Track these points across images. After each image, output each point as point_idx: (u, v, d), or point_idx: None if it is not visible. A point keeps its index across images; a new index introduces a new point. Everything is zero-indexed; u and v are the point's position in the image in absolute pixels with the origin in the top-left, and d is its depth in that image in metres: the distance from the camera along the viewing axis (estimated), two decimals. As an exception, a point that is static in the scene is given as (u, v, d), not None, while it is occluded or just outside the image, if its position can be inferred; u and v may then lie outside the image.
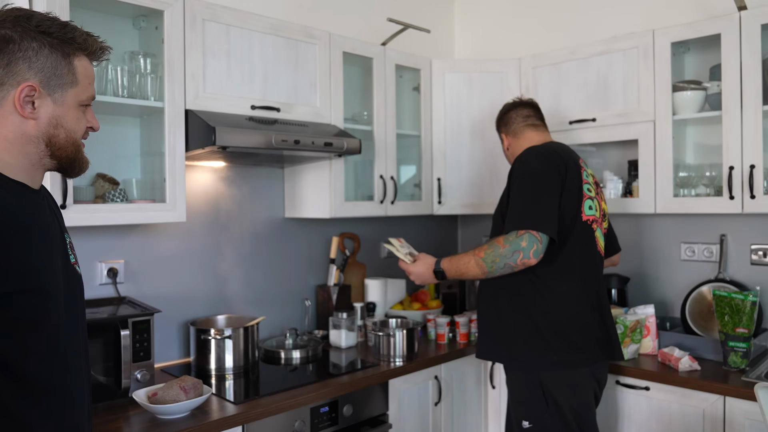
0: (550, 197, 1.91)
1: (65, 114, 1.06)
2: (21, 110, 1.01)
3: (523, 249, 1.84)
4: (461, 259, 1.98)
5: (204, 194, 2.43)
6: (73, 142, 1.08)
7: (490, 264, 1.89)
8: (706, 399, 2.07)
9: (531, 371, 1.94)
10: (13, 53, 0.99)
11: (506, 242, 1.86)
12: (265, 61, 2.22)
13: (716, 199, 2.30)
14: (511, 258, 1.86)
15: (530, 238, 1.85)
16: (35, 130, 1.03)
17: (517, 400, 1.99)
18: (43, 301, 1.00)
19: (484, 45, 3.36)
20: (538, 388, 1.93)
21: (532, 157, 2.01)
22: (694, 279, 2.59)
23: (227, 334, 2.18)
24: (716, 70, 2.38)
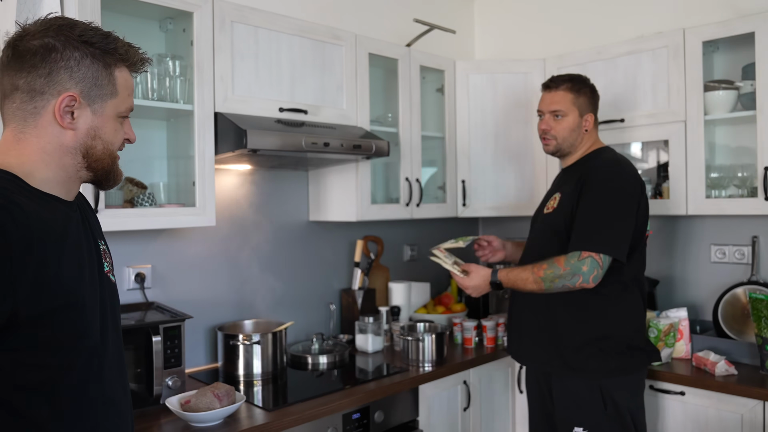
0: (627, 218, 1.88)
1: (104, 125, 1.04)
2: (60, 120, 0.99)
3: (584, 273, 1.83)
4: (519, 275, 1.94)
5: (229, 198, 2.41)
6: (110, 154, 1.07)
7: (549, 284, 1.87)
8: (744, 404, 2.02)
9: (591, 378, 1.91)
10: (56, 62, 0.98)
11: (567, 264, 1.84)
12: (293, 63, 2.20)
13: (750, 200, 2.26)
14: (570, 281, 1.84)
15: (592, 263, 1.82)
16: (73, 141, 1.01)
17: (571, 406, 1.94)
18: (79, 316, 0.99)
19: (504, 46, 3.33)
20: (597, 392, 1.90)
21: (625, 171, 1.94)
22: (725, 281, 2.55)
23: (256, 339, 2.15)
24: (749, 69, 2.34)
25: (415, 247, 3.15)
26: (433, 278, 3.20)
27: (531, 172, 2.85)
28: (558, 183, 2.15)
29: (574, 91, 2.04)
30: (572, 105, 2.04)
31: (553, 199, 2.05)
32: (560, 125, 2.05)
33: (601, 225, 1.86)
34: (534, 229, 2.16)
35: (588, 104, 2.06)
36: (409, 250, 3.12)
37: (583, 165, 2.03)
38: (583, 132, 2.06)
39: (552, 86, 2.08)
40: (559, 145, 2.08)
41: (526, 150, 2.85)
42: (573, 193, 1.95)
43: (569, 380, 1.95)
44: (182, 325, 1.89)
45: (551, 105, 2.06)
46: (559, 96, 2.05)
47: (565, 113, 2.04)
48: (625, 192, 1.90)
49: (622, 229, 1.88)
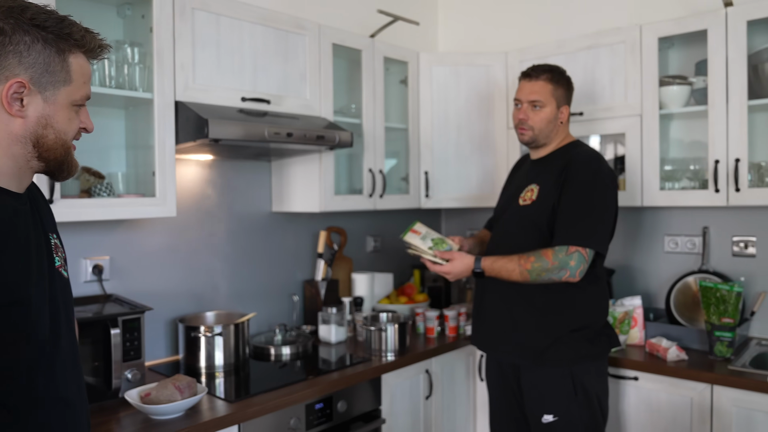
0: (610, 212, 1.96)
1: (56, 113, 1.00)
2: (8, 107, 0.95)
3: (571, 268, 1.87)
4: (505, 266, 1.94)
5: (190, 188, 2.38)
6: (63, 143, 1.02)
7: (535, 276, 1.90)
8: (694, 388, 2.11)
9: (562, 365, 1.96)
10: (3, 47, 0.94)
11: (555, 259, 1.87)
12: (255, 52, 2.17)
13: (702, 192, 2.34)
14: (557, 274, 1.88)
15: (579, 258, 1.87)
16: (23, 130, 0.97)
17: (541, 395, 1.98)
18: (24, 315, 0.95)
19: (467, 38, 3.35)
20: (568, 379, 1.95)
21: (604, 166, 1.98)
22: (678, 270, 2.64)
23: (218, 331, 2.13)
24: (702, 66, 2.42)
25: (378, 239, 3.16)
26: (396, 269, 3.22)
27: (493, 164, 2.89)
28: (531, 174, 2.13)
29: (553, 82, 2.04)
30: (551, 96, 2.03)
31: (530, 190, 2.05)
32: (538, 116, 2.04)
33: (586, 219, 1.90)
34: (507, 220, 2.13)
35: (565, 96, 2.08)
36: (372, 241, 3.13)
37: (560, 158, 2.04)
38: (558, 124, 2.08)
39: (532, 75, 2.06)
40: (535, 136, 2.07)
41: (488, 142, 2.89)
42: (554, 187, 1.96)
43: (540, 370, 1.99)
44: (142, 317, 1.86)
45: (530, 95, 2.05)
46: (538, 86, 2.04)
47: (543, 104, 2.03)
48: (606, 186, 1.95)
49: (605, 224, 1.94)
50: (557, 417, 1.95)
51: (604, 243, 1.94)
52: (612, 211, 1.98)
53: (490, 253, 2.15)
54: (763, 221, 2.47)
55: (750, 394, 1.99)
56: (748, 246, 2.50)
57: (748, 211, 2.50)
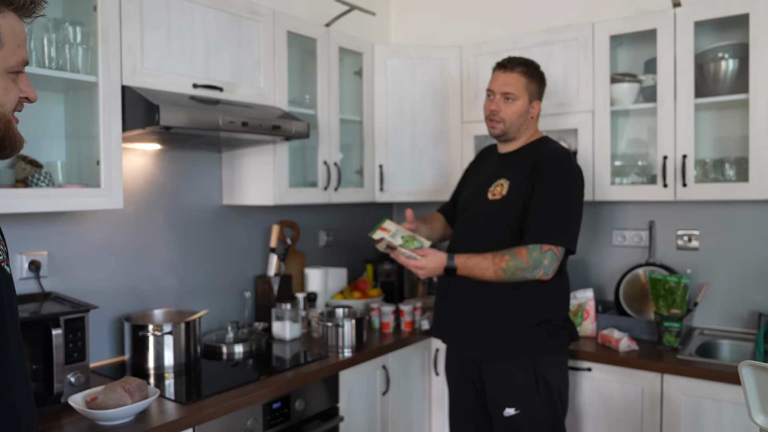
0: (580, 210, 1.97)
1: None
2: None
3: (544, 266, 1.88)
4: (479, 264, 1.91)
5: (136, 179, 2.24)
6: (1, 116, 0.93)
7: (509, 275, 1.89)
8: (645, 377, 2.17)
9: (524, 358, 1.96)
10: None
11: (530, 257, 1.87)
12: (207, 37, 2.07)
13: (651, 187, 2.41)
14: (531, 273, 1.88)
15: (552, 256, 1.88)
16: None
17: (504, 389, 1.98)
18: None
19: (421, 31, 3.34)
20: (530, 372, 1.95)
21: (574, 163, 1.99)
22: (625, 263, 2.72)
23: (167, 329, 2.03)
24: (650, 64, 2.48)
25: (330, 233, 3.10)
26: (349, 264, 3.18)
27: (447, 158, 2.89)
28: (501, 168, 2.10)
29: (527, 76, 2.02)
30: (524, 89, 2.01)
31: (500, 185, 2.03)
32: (510, 108, 2.01)
33: (560, 218, 1.91)
34: (474, 214, 2.10)
35: (537, 91, 2.06)
36: (324, 235, 3.07)
37: (531, 153, 2.03)
38: (529, 119, 2.06)
39: (507, 67, 2.02)
40: (505, 129, 2.04)
41: (443, 136, 2.88)
42: (525, 183, 1.96)
43: (503, 363, 1.99)
44: (86, 316, 1.74)
45: (504, 86, 2.01)
46: (513, 78, 2.01)
47: (516, 97, 2.00)
48: (577, 184, 1.97)
49: (576, 221, 1.96)
50: (519, 410, 1.96)
51: (575, 240, 1.96)
52: (581, 208, 2.00)
53: (455, 246, 2.14)
54: (705, 216, 2.57)
55: (698, 382, 2.06)
56: (692, 239, 2.59)
57: (691, 205, 2.59)
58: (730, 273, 2.51)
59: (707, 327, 2.55)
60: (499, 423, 2.00)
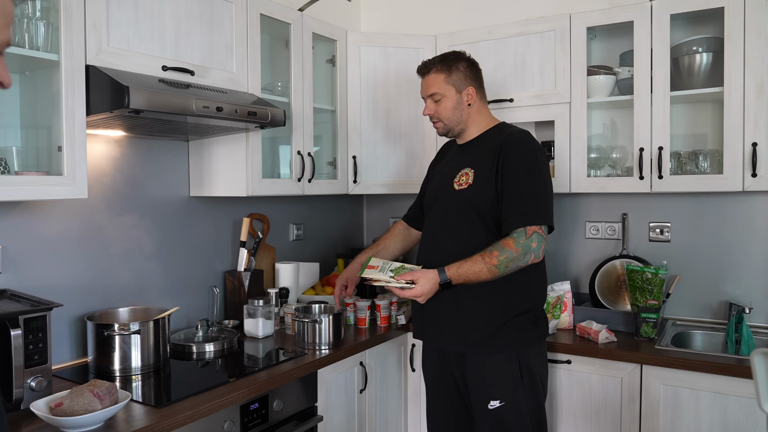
0: (550, 187, 1.94)
1: None
2: None
3: (534, 250, 1.85)
4: (471, 268, 1.85)
5: (97, 168, 2.10)
6: None
7: (503, 269, 1.84)
8: (624, 368, 2.17)
9: (508, 349, 1.92)
10: None
11: (518, 245, 1.83)
12: (177, 17, 1.94)
13: (627, 179, 2.42)
14: (523, 260, 1.84)
15: (538, 238, 1.85)
16: None
17: (487, 382, 1.94)
18: None
19: (393, 20, 3.27)
20: (515, 363, 1.92)
21: (537, 143, 1.98)
22: (599, 256, 2.73)
23: (135, 329, 1.90)
24: (626, 57, 2.49)
25: (301, 226, 3.00)
26: (321, 258, 3.09)
27: (421, 149, 2.83)
28: (462, 158, 2.07)
29: (445, 71, 2.03)
30: (446, 84, 2.02)
31: (465, 174, 2.00)
32: (441, 107, 2.04)
33: (535, 197, 1.88)
34: (442, 206, 2.05)
35: (464, 78, 2.04)
36: (294, 229, 2.97)
37: (491, 140, 2.01)
38: (466, 106, 2.05)
39: (423, 71, 2.08)
40: (446, 126, 2.08)
41: (416, 127, 2.82)
42: (491, 169, 1.93)
43: (486, 356, 1.95)
44: (48, 315, 1.60)
45: (427, 89, 2.06)
46: (431, 79, 2.05)
47: (442, 94, 2.03)
48: (544, 163, 1.95)
49: (551, 198, 1.94)
50: (503, 402, 1.92)
51: (553, 217, 1.95)
52: (551, 185, 1.98)
53: (427, 244, 2.09)
54: (677, 208, 2.60)
55: (676, 372, 2.07)
56: (664, 231, 2.62)
57: (664, 198, 2.62)
58: (700, 264, 2.55)
59: (679, 317, 2.59)
60: (482, 417, 1.96)
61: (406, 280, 1.90)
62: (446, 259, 1.91)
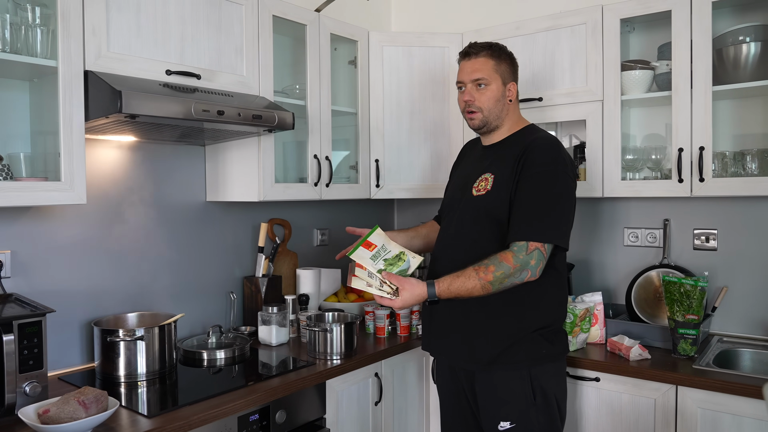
0: (570, 203, 1.79)
1: None
2: None
3: (531, 267, 1.71)
4: (463, 284, 1.73)
5: (110, 173, 2.11)
6: None
7: (498, 285, 1.72)
8: (657, 389, 1.99)
9: (520, 368, 1.79)
10: None
11: (516, 261, 1.70)
12: (183, 20, 1.93)
13: (664, 183, 2.23)
14: (519, 277, 1.71)
15: (538, 255, 1.71)
16: None
17: (498, 401, 1.81)
18: None
19: (422, 19, 3.17)
20: (527, 382, 1.79)
21: (563, 154, 1.80)
22: (638, 265, 2.53)
23: (139, 334, 1.89)
24: (665, 49, 2.30)
25: (326, 232, 2.95)
26: (345, 265, 3.01)
27: (447, 152, 2.72)
28: (485, 162, 1.94)
29: (495, 57, 1.87)
30: (494, 72, 1.86)
31: (484, 180, 1.86)
32: (484, 95, 1.86)
33: (546, 212, 1.73)
34: (460, 213, 1.93)
35: (510, 72, 1.90)
36: (319, 234, 2.92)
37: (515, 144, 1.86)
38: (507, 103, 1.90)
39: (472, 53, 1.89)
40: (485, 118, 1.89)
41: (442, 128, 2.72)
42: (511, 176, 1.79)
43: (497, 374, 1.82)
44: (43, 320, 1.60)
45: (473, 73, 1.87)
46: (480, 63, 1.86)
47: (488, 81, 1.85)
48: (566, 176, 1.78)
49: (565, 215, 1.77)
50: (514, 423, 1.78)
51: (566, 236, 1.78)
52: (572, 200, 1.81)
53: (440, 251, 1.97)
54: (724, 213, 2.38)
55: (715, 395, 1.87)
56: (710, 239, 2.41)
57: (709, 202, 2.40)
58: (751, 275, 2.32)
59: (726, 333, 2.36)
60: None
61: (391, 285, 1.77)
62: (456, 268, 1.80)
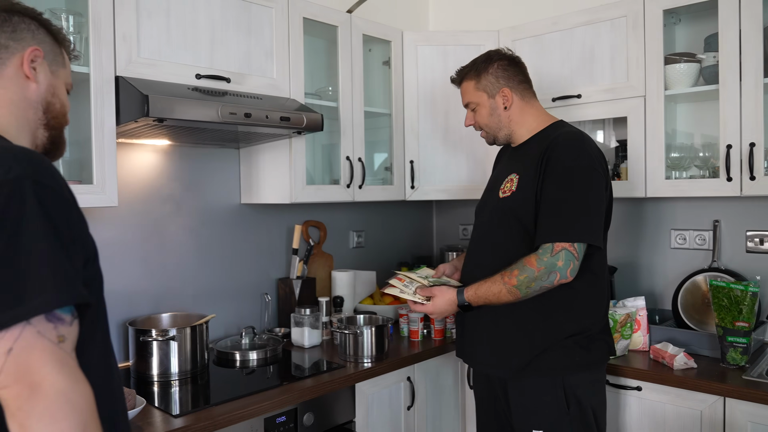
0: (599, 199, 1.70)
1: (59, 87, 1.06)
2: (27, 70, 0.99)
3: (560, 269, 1.64)
4: (489, 289, 1.72)
5: (145, 176, 2.16)
6: (64, 114, 1.08)
7: (525, 290, 1.67)
8: (704, 400, 1.88)
9: (553, 375, 1.73)
10: (18, 24, 1.00)
11: (540, 263, 1.64)
12: (212, 24, 1.95)
13: (712, 181, 2.11)
14: (547, 280, 1.65)
15: (566, 256, 1.64)
16: (36, 95, 1.01)
17: (530, 410, 1.75)
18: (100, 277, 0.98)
19: (459, 15, 3.12)
20: (560, 391, 1.72)
21: (588, 146, 1.73)
22: (686, 268, 2.41)
23: (171, 334, 1.92)
24: (712, 41, 2.18)
25: (362, 234, 2.94)
26: (383, 266, 3.00)
27: (483, 153, 2.65)
28: (511, 162, 1.91)
29: (473, 77, 1.89)
30: (476, 91, 1.88)
31: (509, 180, 1.82)
32: (478, 116, 1.92)
33: (573, 210, 1.66)
34: (487, 216, 1.89)
35: (495, 81, 1.86)
36: (355, 236, 2.91)
37: (540, 141, 1.80)
38: (502, 110, 1.87)
39: (455, 81, 1.98)
40: (490, 134, 1.94)
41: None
42: (535, 174, 1.73)
43: (528, 381, 1.76)
44: (76, 320, 1.64)
45: (463, 100, 1.96)
46: (463, 88, 1.94)
47: (475, 103, 1.91)
48: (591, 169, 1.69)
49: (595, 213, 1.69)
50: (546, 433, 1.72)
51: (595, 234, 1.68)
52: (601, 197, 1.72)
53: (469, 256, 1.93)
54: (780, 213, 2.23)
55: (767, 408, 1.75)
56: (764, 241, 2.26)
57: (763, 202, 2.26)
58: (810, 280, 2.17)
59: (783, 342, 2.21)
60: (527, 448, 1.77)
61: (425, 296, 1.81)
62: (484, 273, 1.76)
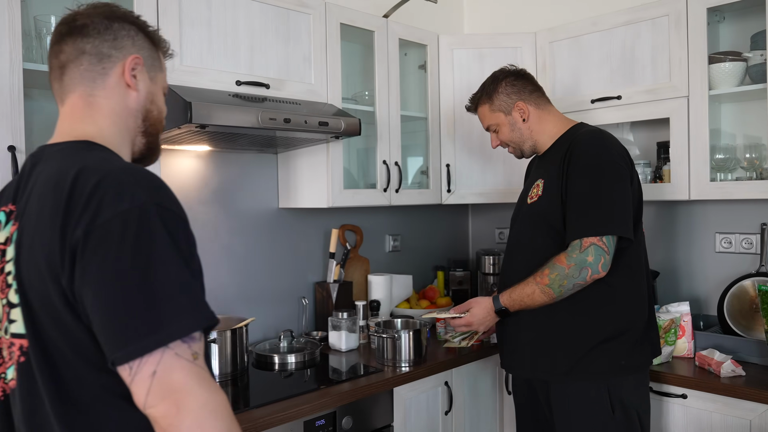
0: (624, 191, 1.69)
1: (157, 93, 1.08)
2: (128, 79, 1.01)
3: (591, 264, 1.63)
4: (523, 291, 1.74)
5: (185, 181, 2.20)
6: (161, 120, 1.09)
7: (558, 289, 1.67)
8: (753, 409, 1.82)
9: (597, 379, 1.71)
10: (118, 31, 1.01)
11: (570, 261, 1.64)
12: (252, 32, 1.98)
13: (759, 183, 2.05)
14: (579, 277, 1.64)
15: (596, 251, 1.63)
16: (136, 103, 1.03)
17: (574, 414, 1.73)
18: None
19: (495, 18, 3.10)
20: (604, 394, 1.70)
21: (609, 142, 1.74)
22: (732, 273, 2.34)
23: (212, 337, 1.95)
24: (758, 38, 2.12)
25: (398, 237, 2.94)
26: (419, 270, 3.00)
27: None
28: (538, 170, 1.93)
29: (487, 101, 1.97)
30: (492, 113, 1.96)
31: (536, 186, 1.84)
32: (501, 134, 1.98)
33: (598, 205, 1.65)
34: (519, 223, 1.91)
35: (507, 97, 1.93)
36: (391, 240, 2.91)
37: (562, 144, 1.82)
38: (521, 123, 1.92)
39: (470, 109, 2.07)
40: (517, 149, 1.99)
41: (515, 131, 2.63)
42: (558, 175, 1.74)
43: (572, 385, 1.73)
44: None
45: (483, 124, 2.04)
46: (480, 113, 2.02)
47: (495, 123, 1.97)
48: (614, 164, 1.70)
49: (621, 205, 1.68)
50: (590, 439, 1.69)
51: (623, 226, 1.66)
52: (626, 189, 1.70)
53: (505, 262, 1.95)
54: (833, 216, 2.15)
55: (822, 417, 1.69)
56: (816, 245, 2.18)
57: (815, 204, 2.18)
58: None
59: (837, 350, 2.13)
60: (570, 454, 1.74)
61: (462, 311, 1.86)
62: (520, 279, 1.75)
